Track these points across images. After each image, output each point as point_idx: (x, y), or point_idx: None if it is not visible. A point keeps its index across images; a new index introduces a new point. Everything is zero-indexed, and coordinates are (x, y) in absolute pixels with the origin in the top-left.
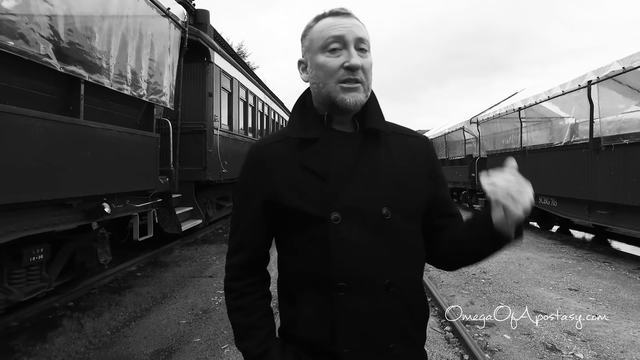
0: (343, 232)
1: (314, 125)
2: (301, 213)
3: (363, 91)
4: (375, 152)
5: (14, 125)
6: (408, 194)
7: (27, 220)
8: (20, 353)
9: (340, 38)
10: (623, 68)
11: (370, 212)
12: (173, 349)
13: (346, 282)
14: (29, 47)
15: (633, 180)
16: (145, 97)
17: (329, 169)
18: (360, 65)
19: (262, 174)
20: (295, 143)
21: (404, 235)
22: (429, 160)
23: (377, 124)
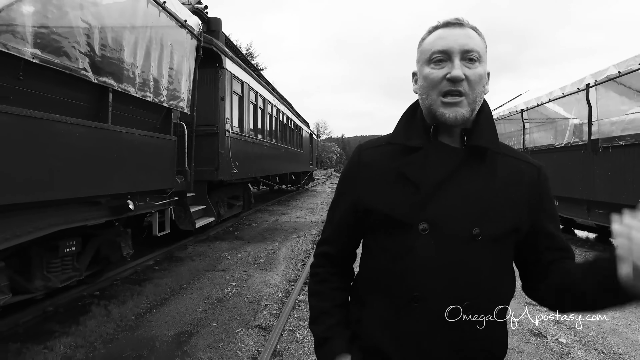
0: (428, 244)
1: (419, 134)
2: (389, 218)
3: (467, 105)
4: (477, 170)
5: (55, 131)
6: (503, 219)
7: (64, 215)
8: (58, 333)
9: (445, 49)
10: (619, 72)
11: (459, 229)
12: (192, 332)
13: (421, 293)
14: (70, 62)
15: (629, 180)
16: (165, 103)
17: (425, 179)
18: (463, 77)
19: (359, 175)
20: (397, 150)
21: (492, 260)
22: (536, 190)
23: (484, 142)
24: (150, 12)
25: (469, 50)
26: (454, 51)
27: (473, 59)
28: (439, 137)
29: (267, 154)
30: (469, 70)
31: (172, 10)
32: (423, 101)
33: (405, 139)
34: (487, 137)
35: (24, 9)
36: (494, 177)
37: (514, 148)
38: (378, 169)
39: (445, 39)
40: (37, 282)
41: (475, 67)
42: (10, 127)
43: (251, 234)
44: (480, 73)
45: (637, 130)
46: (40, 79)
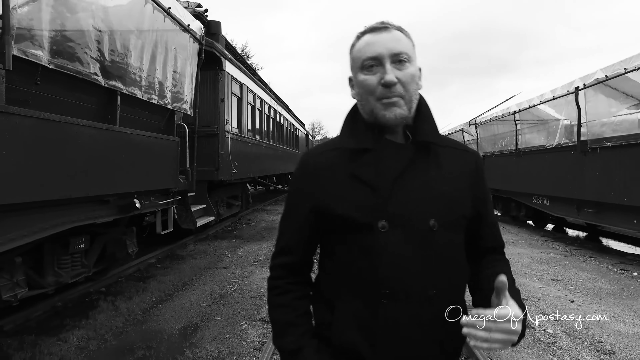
0: (390, 241)
1: (366, 136)
2: (349, 220)
3: (404, 104)
4: (426, 164)
5: (70, 133)
6: (455, 207)
7: (75, 213)
8: (70, 326)
9: (375, 56)
10: (606, 76)
11: (417, 223)
12: (198, 326)
13: (390, 290)
14: (82, 67)
15: (615, 180)
16: (169, 105)
17: (379, 178)
18: (396, 81)
19: (313, 182)
20: (346, 153)
21: (449, 248)
22: (476, 176)
23: (428, 137)
24: (156, 18)
25: (398, 53)
26: (383, 56)
27: (403, 61)
28: (385, 136)
29: (265, 154)
30: (400, 72)
31: (177, 15)
32: (363, 107)
33: (353, 142)
34: (429, 132)
35: (41, 18)
36: (440, 168)
37: (450, 138)
38: (330, 175)
39: (373, 45)
40: (49, 277)
41: (406, 68)
42: (30, 130)
43: (250, 233)
44: (411, 73)
45: (625, 132)
46: (55, 84)
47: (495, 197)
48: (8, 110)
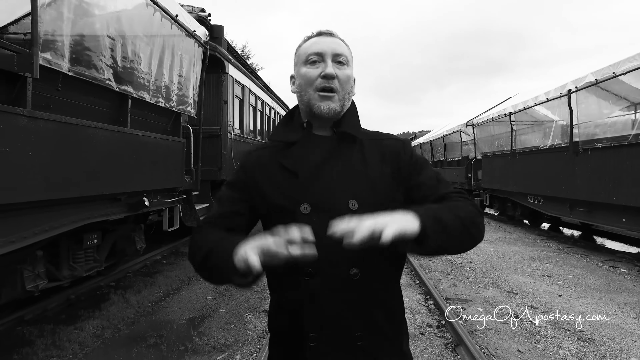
0: (310, 222)
1: (295, 130)
2: (276, 206)
3: (338, 100)
4: (347, 152)
5: (86, 135)
6: (377, 189)
7: (90, 210)
8: (84, 317)
9: (319, 53)
10: (596, 79)
11: (338, 204)
12: (205, 316)
13: (312, 268)
14: (98, 74)
15: (605, 180)
16: (175, 107)
17: (302, 166)
18: (335, 75)
19: (250, 175)
20: (278, 147)
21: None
22: (402, 156)
23: (350, 129)
24: (163, 25)
25: (339, 54)
26: (326, 53)
27: (342, 62)
28: (313, 131)
29: None
30: (339, 70)
31: (183, 22)
32: (302, 97)
33: (284, 136)
34: (352, 125)
35: (63, 29)
36: (362, 156)
37: (378, 132)
38: (264, 166)
39: (319, 44)
40: (64, 271)
41: (344, 69)
42: (52, 132)
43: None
44: (348, 74)
45: (617, 133)
46: (74, 89)
47: (492, 197)
48: (34, 114)
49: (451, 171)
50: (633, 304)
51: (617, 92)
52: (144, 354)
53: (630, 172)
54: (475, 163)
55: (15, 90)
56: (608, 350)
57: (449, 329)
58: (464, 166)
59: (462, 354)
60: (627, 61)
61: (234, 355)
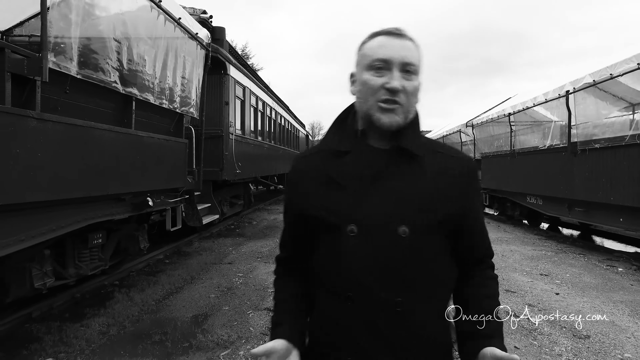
0: (356, 245)
1: (348, 139)
2: (321, 221)
3: (401, 113)
4: (405, 169)
5: (93, 136)
6: (431, 213)
7: (95, 210)
8: (90, 314)
9: (386, 59)
10: (594, 81)
11: (387, 228)
12: (208, 314)
13: (354, 293)
14: (105, 76)
15: (603, 180)
16: (178, 109)
17: (352, 181)
18: (400, 88)
19: (296, 185)
20: (328, 155)
21: (422, 256)
22: (466, 182)
23: (410, 145)
24: (167, 28)
25: (408, 63)
26: (394, 62)
27: (410, 72)
28: (368, 141)
29: (267, 154)
30: (406, 82)
31: (186, 25)
32: (361, 104)
33: (334, 144)
34: (412, 139)
35: (71, 33)
36: (421, 173)
37: (441, 143)
38: (310, 176)
39: (386, 48)
40: (70, 269)
41: (412, 79)
42: (61, 134)
43: (252, 231)
44: (415, 85)
45: (615, 133)
46: (81, 92)
47: (492, 197)
48: (43, 117)
49: None
50: (629, 302)
51: (616, 92)
52: (150, 350)
53: (627, 172)
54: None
55: (25, 93)
56: (602, 346)
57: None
58: None
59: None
60: (624, 63)
61: (237, 351)
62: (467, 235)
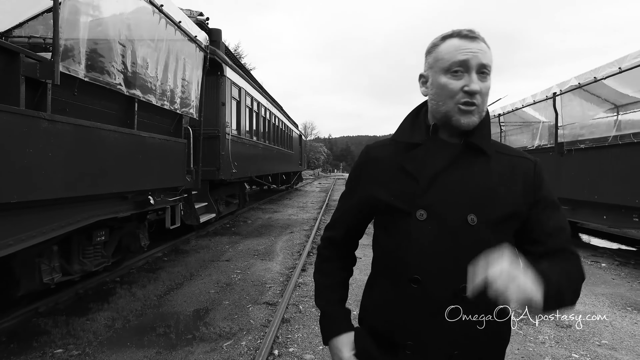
0: (426, 229)
1: (420, 132)
2: (391, 207)
3: (477, 113)
4: (473, 162)
5: (99, 136)
6: (499, 206)
7: (100, 208)
8: (95, 309)
9: (464, 63)
10: (579, 84)
11: (456, 215)
12: (208, 308)
13: (420, 276)
14: (110, 79)
15: (588, 179)
16: (178, 110)
17: (423, 170)
18: (479, 91)
19: (366, 171)
20: (400, 147)
21: (490, 246)
22: (532, 180)
23: (480, 141)
24: (168, 31)
25: (485, 64)
26: (472, 66)
27: (486, 73)
28: (440, 135)
29: (262, 154)
30: (482, 84)
31: (186, 28)
32: (438, 107)
33: (407, 137)
34: (482, 137)
35: (79, 38)
36: (489, 168)
37: (508, 146)
38: (383, 164)
39: (464, 52)
40: (75, 265)
41: (487, 81)
42: (69, 135)
43: (248, 230)
44: (489, 86)
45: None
46: (87, 94)
47: None
48: (54, 118)
49: None
50: (609, 294)
51: (601, 94)
52: (155, 341)
53: (610, 171)
54: None
55: (37, 96)
56: (582, 334)
57: None
58: None
59: None
60: (607, 67)
61: (239, 341)
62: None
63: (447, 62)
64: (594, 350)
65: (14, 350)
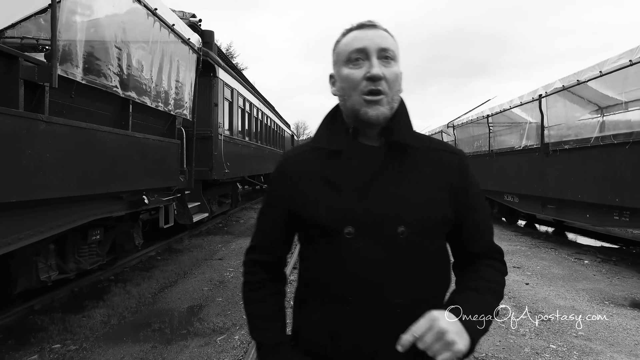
0: (355, 247)
1: (340, 137)
2: (318, 224)
3: (387, 103)
4: (399, 166)
5: (94, 137)
6: (429, 213)
7: (96, 207)
8: (90, 306)
9: (362, 50)
10: (563, 86)
11: (385, 229)
12: (202, 305)
13: (353, 297)
14: (107, 81)
15: (572, 179)
16: (172, 111)
17: (349, 183)
18: (382, 75)
19: (287, 184)
20: (321, 154)
21: (422, 256)
22: (458, 177)
23: (403, 138)
24: (162, 34)
25: (385, 48)
26: (371, 50)
27: (389, 57)
28: (360, 139)
29: (254, 154)
30: (386, 69)
31: (179, 30)
32: (344, 102)
33: (326, 142)
34: (405, 133)
35: (77, 41)
36: (416, 171)
37: (431, 137)
38: (303, 176)
39: (361, 39)
40: (70, 264)
41: (392, 65)
42: (66, 136)
43: (240, 229)
44: (396, 72)
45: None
46: (84, 96)
47: None
48: (51, 120)
49: None
50: (589, 289)
51: (586, 96)
52: (151, 336)
53: (593, 171)
54: None
55: (35, 98)
56: (561, 326)
57: None
58: None
59: None
60: (589, 70)
61: (232, 336)
62: (468, 230)
63: (345, 53)
64: (571, 341)
65: (12, 346)
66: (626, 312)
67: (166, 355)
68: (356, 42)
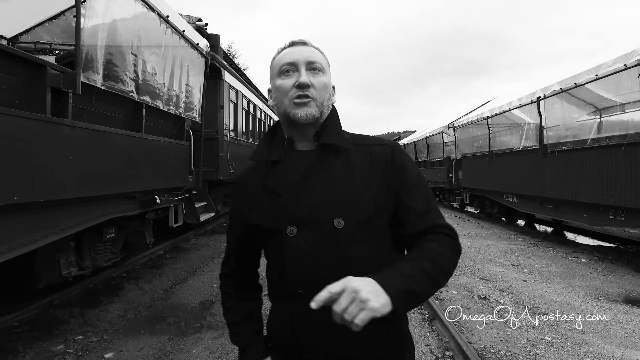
0: (297, 244)
1: (278, 148)
2: (263, 228)
3: (315, 106)
4: (331, 164)
5: (111, 140)
6: (365, 202)
7: (112, 207)
8: (106, 302)
9: (292, 63)
10: (561, 89)
11: (322, 223)
12: (213, 301)
13: (304, 291)
14: (124, 87)
15: (569, 179)
16: (182, 114)
17: (284, 185)
18: (309, 83)
19: (239, 200)
20: (263, 167)
21: (364, 244)
22: (391, 165)
23: (332, 139)
24: (174, 40)
25: (313, 61)
26: (299, 62)
27: (317, 69)
28: (296, 146)
29: None
30: (314, 78)
31: (189, 36)
32: (278, 109)
33: (266, 155)
34: (333, 134)
35: (97, 50)
36: (349, 167)
37: (365, 135)
38: (250, 188)
39: (292, 54)
40: (87, 261)
41: (320, 76)
42: (86, 139)
43: None
44: (324, 81)
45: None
46: (103, 101)
47: (472, 196)
48: (74, 124)
49: (434, 171)
50: (585, 286)
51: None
52: (166, 329)
53: (589, 172)
54: (456, 163)
55: (60, 104)
56: (556, 321)
57: (425, 307)
58: (446, 166)
59: (436, 325)
60: (585, 73)
61: None
62: (404, 213)
63: (278, 66)
64: (565, 334)
65: (37, 337)
66: (619, 307)
67: (183, 346)
68: (287, 57)
